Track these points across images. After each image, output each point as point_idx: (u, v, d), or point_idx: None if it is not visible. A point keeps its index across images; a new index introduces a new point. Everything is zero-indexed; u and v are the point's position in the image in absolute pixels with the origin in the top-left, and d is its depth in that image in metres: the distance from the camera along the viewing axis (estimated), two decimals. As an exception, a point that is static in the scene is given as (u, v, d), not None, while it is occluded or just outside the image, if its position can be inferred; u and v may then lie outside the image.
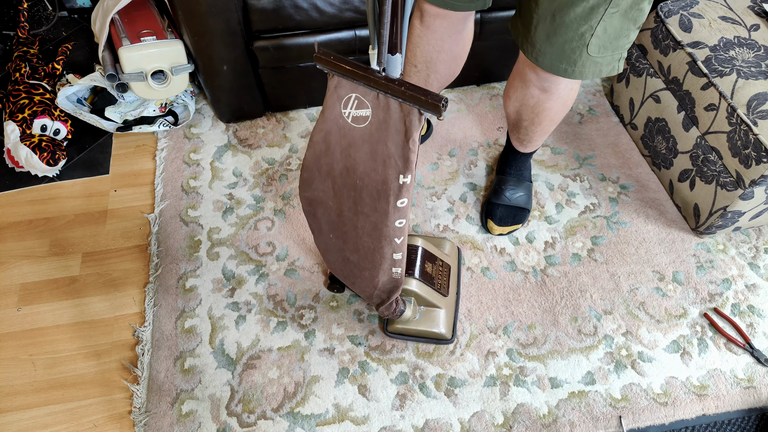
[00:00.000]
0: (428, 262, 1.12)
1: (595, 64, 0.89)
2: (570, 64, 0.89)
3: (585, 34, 0.84)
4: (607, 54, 0.88)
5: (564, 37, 0.86)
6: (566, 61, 0.89)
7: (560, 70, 0.91)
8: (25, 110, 1.40)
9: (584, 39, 0.85)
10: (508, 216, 1.30)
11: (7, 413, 1.08)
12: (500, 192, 1.31)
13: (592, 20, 0.83)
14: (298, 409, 1.07)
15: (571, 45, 0.86)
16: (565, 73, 0.91)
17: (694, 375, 1.12)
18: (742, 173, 1.14)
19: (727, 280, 1.26)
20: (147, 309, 1.20)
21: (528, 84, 1.02)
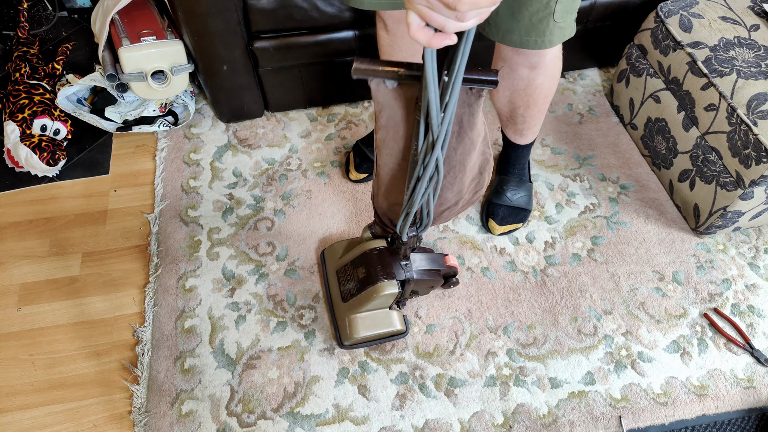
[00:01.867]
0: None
1: (560, 30, 0.90)
2: (539, 35, 0.90)
3: (550, 2, 0.85)
4: (568, 17, 0.89)
5: (530, 9, 0.86)
6: (535, 32, 0.90)
7: (530, 42, 0.92)
8: (25, 110, 1.40)
9: (549, 8, 0.86)
10: (510, 216, 1.30)
11: (7, 413, 1.08)
12: (501, 192, 1.31)
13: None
14: (298, 409, 1.07)
15: (539, 16, 0.87)
16: (534, 45, 0.92)
17: (694, 375, 1.12)
18: (742, 173, 1.14)
19: (727, 280, 1.26)
20: (147, 309, 1.20)
21: (514, 67, 1.02)
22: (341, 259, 1.13)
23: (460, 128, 0.73)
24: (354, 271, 1.07)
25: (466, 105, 0.70)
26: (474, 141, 0.77)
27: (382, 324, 1.09)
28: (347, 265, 1.09)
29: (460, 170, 0.81)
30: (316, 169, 1.45)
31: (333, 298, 1.14)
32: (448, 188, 0.85)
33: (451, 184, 0.84)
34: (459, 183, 0.84)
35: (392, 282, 1.00)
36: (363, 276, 1.04)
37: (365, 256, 1.04)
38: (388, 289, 0.99)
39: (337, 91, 1.55)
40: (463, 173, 0.82)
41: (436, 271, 1.04)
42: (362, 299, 1.04)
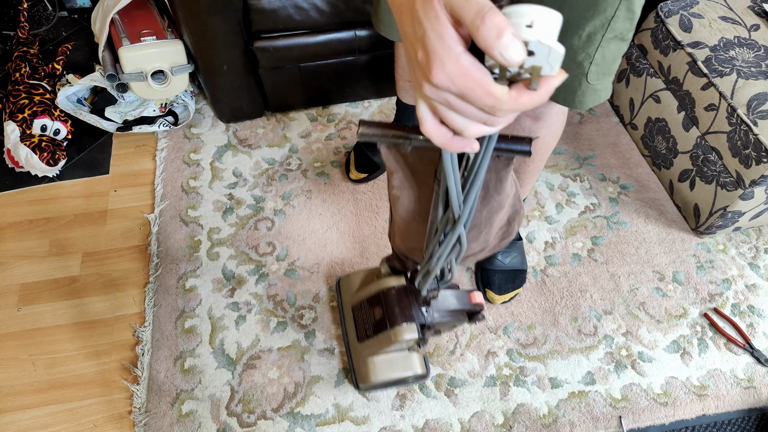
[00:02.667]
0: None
1: (595, 92, 0.84)
2: (569, 93, 0.84)
3: (583, 62, 0.79)
4: (604, 79, 0.83)
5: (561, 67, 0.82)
6: (565, 91, 0.84)
7: (559, 99, 0.86)
8: (25, 110, 1.40)
9: (583, 68, 0.80)
10: (507, 282, 1.21)
11: (7, 413, 1.08)
12: (492, 257, 1.22)
13: (590, 48, 0.78)
14: (298, 409, 1.07)
15: (569, 75, 0.81)
16: (564, 102, 0.86)
17: (694, 375, 1.12)
18: (742, 173, 1.14)
19: (727, 280, 1.26)
20: (147, 309, 1.20)
21: (519, 115, 0.95)
22: (357, 293, 1.03)
23: (486, 193, 0.67)
24: (370, 310, 0.97)
25: (493, 171, 0.63)
26: (501, 203, 0.70)
27: (400, 368, 1.02)
28: (363, 303, 1.00)
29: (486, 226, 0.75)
30: (316, 169, 1.45)
31: (348, 335, 1.06)
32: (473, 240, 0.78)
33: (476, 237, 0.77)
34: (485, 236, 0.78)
35: (411, 326, 0.90)
36: (380, 317, 0.94)
37: (383, 295, 0.95)
38: (407, 334, 0.89)
39: (338, 91, 1.55)
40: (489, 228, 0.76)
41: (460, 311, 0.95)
42: (379, 342, 0.94)
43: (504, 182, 0.64)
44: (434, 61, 0.34)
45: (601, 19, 0.74)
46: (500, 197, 0.68)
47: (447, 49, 0.33)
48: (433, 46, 0.34)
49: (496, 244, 0.84)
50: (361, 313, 1.01)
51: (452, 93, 0.35)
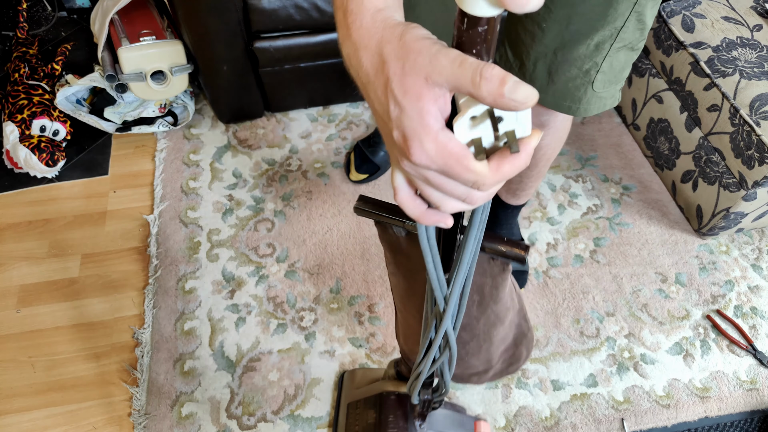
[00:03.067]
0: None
1: (600, 100, 0.84)
2: (574, 101, 0.83)
3: (590, 71, 0.78)
4: (611, 88, 0.83)
5: (567, 74, 0.79)
6: (570, 98, 0.83)
7: (563, 107, 0.85)
8: (24, 111, 1.40)
9: (589, 76, 0.79)
10: None
11: (6, 415, 1.07)
12: None
13: (597, 57, 0.77)
14: (299, 412, 1.07)
15: (575, 83, 0.80)
16: (569, 111, 0.85)
17: (696, 377, 1.12)
18: (745, 174, 1.14)
19: (729, 281, 1.25)
20: (146, 311, 1.19)
21: None
22: (357, 390, 1.00)
23: (482, 298, 0.63)
24: (365, 411, 0.93)
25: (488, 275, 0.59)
26: (500, 315, 0.66)
27: None
28: (360, 402, 0.95)
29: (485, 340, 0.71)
30: (316, 170, 1.44)
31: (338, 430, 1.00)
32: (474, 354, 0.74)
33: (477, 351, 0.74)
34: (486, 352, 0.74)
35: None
36: (372, 421, 0.90)
37: (380, 399, 0.91)
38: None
39: (338, 91, 1.54)
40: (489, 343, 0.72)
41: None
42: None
43: (500, 290, 0.60)
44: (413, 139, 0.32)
45: (611, 29, 0.73)
46: (497, 307, 0.64)
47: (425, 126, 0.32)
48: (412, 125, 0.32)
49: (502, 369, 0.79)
50: (355, 412, 0.96)
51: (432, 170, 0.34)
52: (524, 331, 0.73)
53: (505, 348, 0.75)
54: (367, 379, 1.03)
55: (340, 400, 1.06)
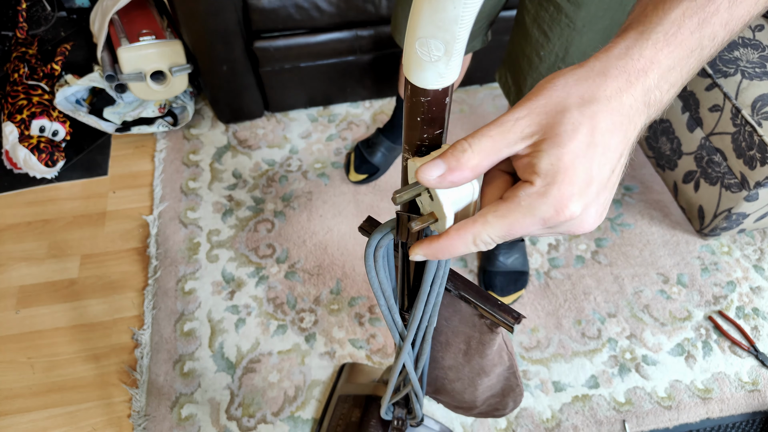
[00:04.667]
0: None
1: None
2: None
3: None
4: None
5: None
6: None
7: None
8: (24, 111, 1.39)
9: None
10: (509, 284, 1.20)
11: (6, 416, 1.07)
12: (494, 258, 1.21)
13: None
14: (299, 413, 1.06)
15: None
16: None
17: (698, 378, 1.11)
18: (747, 175, 1.13)
19: (731, 282, 1.25)
20: (146, 312, 1.19)
21: None
22: (351, 384, 1.02)
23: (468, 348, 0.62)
24: (352, 408, 0.94)
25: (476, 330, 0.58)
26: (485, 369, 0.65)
27: None
28: (350, 397, 0.97)
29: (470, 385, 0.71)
30: (316, 171, 1.44)
31: (323, 421, 1.02)
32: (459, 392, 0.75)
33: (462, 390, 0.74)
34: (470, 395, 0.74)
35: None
36: (355, 420, 0.92)
37: (367, 401, 0.93)
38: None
39: (338, 91, 1.54)
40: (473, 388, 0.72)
41: None
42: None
43: (487, 348, 0.60)
44: None
45: None
46: (483, 362, 0.63)
47: None
48: None
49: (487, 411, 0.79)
50: (343, 405, 0.97)
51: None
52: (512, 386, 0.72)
53: (492, 395, 0.75)
54: (364, 376, 1.04)
55: (334, 390, 1.06)
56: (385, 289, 0.49)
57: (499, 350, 0.62)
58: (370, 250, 0.45)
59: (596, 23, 0.68)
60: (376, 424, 0.88)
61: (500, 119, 0.29)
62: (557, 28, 0.72)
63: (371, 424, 0.89)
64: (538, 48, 0.76)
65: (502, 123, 0.29)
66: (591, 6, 0.67)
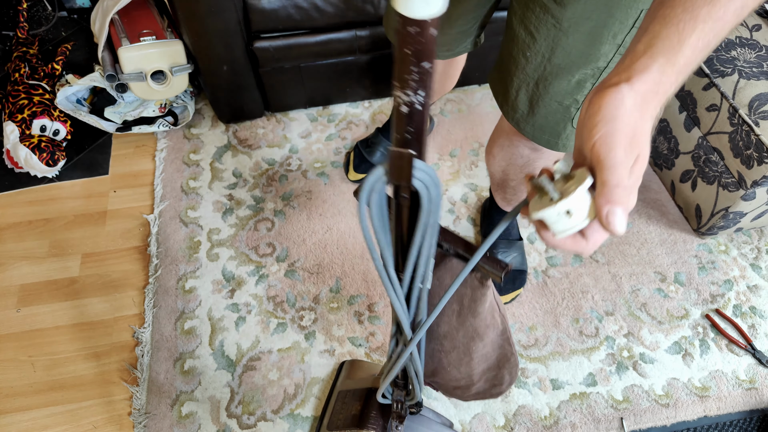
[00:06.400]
0: None
1: None
2: (553, 136, 0.82)
3: (570, 107, 0.77)
4: None
5: (548, 108, 0.79)
6: (549, 132, 0.82)
7: (543, 140, 0.83)
8: (25, 111, 1.40)
9: (569, 113, 0.78)
10: (507, 283, 1.20)
11: (7, 415, 1.07)
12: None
13: (578, 95, 0.76)
14: (299, 411, 1.07)
15: (555, 117, 0.79)
16: (547, 144, 0.84)
17: (695, 376, 1.12)
18: (744, 174, 1.14)
19: (728, 281, 1.25)
20: (146, 310, 1.19)
21: (515, 143, 0.93)
22: (351, 380, 1.02)
23: (461, 308, 0.63)
24: (352, 402, 0.95)
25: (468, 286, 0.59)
26: (478, 330, 0.66)
27: None
28: (349, 392, 0.98)
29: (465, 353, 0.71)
30: (316, 170, 1.44)
31: (324, 417, 1.02)
32: (455, 366, 0.74)
33: (457, 363, 0.73)
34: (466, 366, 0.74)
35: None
36: (356, 413, 0.92)
37: (367, 394, 0.93)
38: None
39: (338, 91, 1.54)
40: (469, 357, 0.72)
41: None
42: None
43: (479, 304, 0.61)
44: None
45: (593, 69, 0.72)
46: (476, 321, 0.64)
47: None
48: None
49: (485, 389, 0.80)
50: (343, 401, 0.98)
51: None
52: (507, 355, 0.73)
53: (488, 367, 0.75)
54: (363, 372, 1.04)
55: (334, 387, 1.07)
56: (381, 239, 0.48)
57: (491, 309, 0.63)
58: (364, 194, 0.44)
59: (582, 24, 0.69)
60: (377, 415, 0.89)
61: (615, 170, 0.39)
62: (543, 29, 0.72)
63: (371, 415, 0.89)
64: (525, 49, 0.76)
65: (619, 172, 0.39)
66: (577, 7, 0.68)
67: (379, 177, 0.44)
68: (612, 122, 0.38)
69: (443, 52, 0.97)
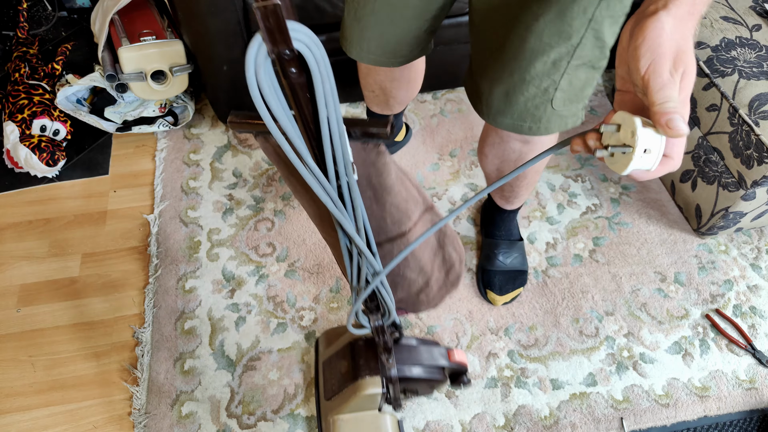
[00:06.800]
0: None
1: (561, 118, 0.82)
2: (534, 121, 0.82)
3: (548, 89, 0.77)
4: (572, 106, 0.81)
5: (526, 94, 0.79)
6: (530, 118, 0.82)
7: (524, 128, 0.83)
8: (25, 111, 1.40)
9: (548, 94, 0.78)
10: (508, 282, 1.21)
11: (7, 414, 1.07)
12: (493, 258, 1.22)
13: (555, 75, 0.76)
14: (299, 411, 1.07)
15: (534, 102, 0.79)
16: (529, 131, 0.83)
17: (695, 376, 1.12)
18: (744, 174, 1.14)
19: (728, 281, 1.25)
20: (147, 310, 1.19)
21: (506, 138, 0.94)
22: (329, 348, 0.99)
23: (374, 192, 0.62)
24: (338, 363, 0.92)
25: (369, 164, 0.58)
26: (399, 207, 0.64)
27: (369, 429, 0.94)
28: (333, 357, 0.95)
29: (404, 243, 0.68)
30: (316, 170, 1.44)
31: (319, 393, 1.00)
32: (405, 266, 0.73)
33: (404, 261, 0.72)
34: (414, 260, 0.72)
35: (375, 379, 0.83)
36: (345, 370, 0.90)
37: (350, 347, 0.91)
38: (370, 389, 0.83)
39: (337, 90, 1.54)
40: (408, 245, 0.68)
41: (437, 369, 0.87)
42: (344, 398, 0.89)
43: (386, 176, 0.60)
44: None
45: (567, 47, 0.72)
46: (392, 198, 0.63)
47: None
48: None
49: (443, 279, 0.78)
50: (330, 367, 0.95)
51: None
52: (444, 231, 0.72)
53: (432, 251, 0.74)
54: (338, 335, 1.02)
55: (318, 363, 1.04)
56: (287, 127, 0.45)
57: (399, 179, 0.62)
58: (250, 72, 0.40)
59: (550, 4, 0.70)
60: (366, 361, 0.86)
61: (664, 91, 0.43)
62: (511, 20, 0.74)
63: (360, 363, 0.86)
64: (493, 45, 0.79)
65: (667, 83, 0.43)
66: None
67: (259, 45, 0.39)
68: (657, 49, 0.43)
69: (396, 59, 0.97)
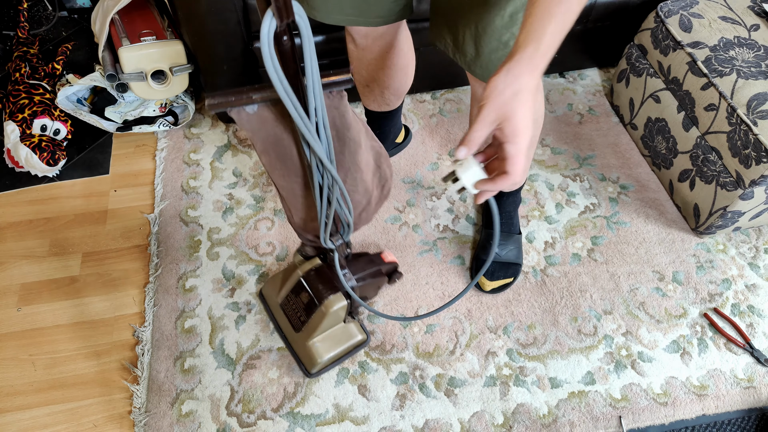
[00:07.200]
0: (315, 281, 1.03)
1: None
2: None
3: (509, 41, 0.81)
4: None
5: (489, 46, 0.82)
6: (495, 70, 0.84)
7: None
8: (25, 110, 1.40)
9: (509, 47, 0.81)
10: (499, 270, 1.22)
11: (7, 413, 1.08)
12: (489, 248, 1.24)
13: (514, 27, 0.79)
14: (298, 409, 1.07)
15: (498, 54, 0.83)
16: None
17: (694, 375, 1.12)
18: (742, 173, 1.14)
19: (727, 280, 1.26)
20: (147, 309, 1.20)
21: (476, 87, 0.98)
22: (281, 291, 1.09)
23: (337, 131, 0.73)
24: (297, 298, 1.04)
25: (333, 108, 0.70)
26: (356, 139, 0.75)
27: (342, 340, 1.08)
28: (289, 295, 1.06)
29: (356, 170, 0.80)
30: (316, 169, 1.45)
31: (285, 332, 1.12)
32: (354, 191, 0.83)
33: (354, 185, 0.82)
34: (362, 183, 0.83)
35: (338, 295, 0.97)
36: (308, 300, 1.01)
37: (304, 280, 1.01)
38: (337, 304, 0.97)
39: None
40: (359, 172, 0.81)
41: (377, 271, 1.03)
42: (314, 323, 1.02)
43: (347, 116, 0.72)
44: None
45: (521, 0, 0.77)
46: (351, 133, 0.74)
47: None
48: None
49: (379, 195, 0.91)
50: (289, 305, 1.07)
51: None
52: (378, 150, 0.84)
53: (372, 171, 0.85)
54: (282, 279, 1.11)
55: (273, 313, 1.15)
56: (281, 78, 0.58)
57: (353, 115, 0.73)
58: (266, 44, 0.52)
59: None
60: (325, 285, 0.98)
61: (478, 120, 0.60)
62: None
63: (321, 289, 0.98)
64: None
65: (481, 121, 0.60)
66: None
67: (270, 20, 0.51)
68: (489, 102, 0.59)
69: (373, 18, 0.96)
